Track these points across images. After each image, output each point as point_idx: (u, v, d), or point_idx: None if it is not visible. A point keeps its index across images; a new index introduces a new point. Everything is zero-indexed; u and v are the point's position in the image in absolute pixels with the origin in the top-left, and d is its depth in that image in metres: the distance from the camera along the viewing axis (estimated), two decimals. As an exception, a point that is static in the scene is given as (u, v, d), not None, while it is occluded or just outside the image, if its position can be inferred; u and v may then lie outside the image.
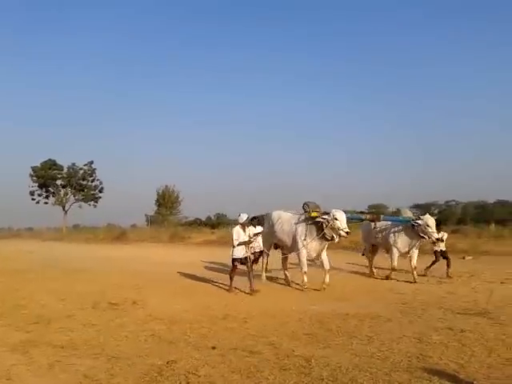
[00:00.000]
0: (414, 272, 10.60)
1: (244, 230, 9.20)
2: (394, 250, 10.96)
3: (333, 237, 9.24)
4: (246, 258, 9.15)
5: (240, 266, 9.32)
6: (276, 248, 11.15)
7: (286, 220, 10.27)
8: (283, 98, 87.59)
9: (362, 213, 11.75)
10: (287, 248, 10.37)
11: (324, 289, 9.23)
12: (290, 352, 5.09)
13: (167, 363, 4.74)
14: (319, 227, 9.33)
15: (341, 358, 4.84)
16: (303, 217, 9.83)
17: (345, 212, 9.51)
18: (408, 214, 11.27)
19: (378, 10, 79.46)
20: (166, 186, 51.03)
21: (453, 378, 4.18)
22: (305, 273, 9.49)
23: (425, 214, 10.99)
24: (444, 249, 11.83)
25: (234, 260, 9.19)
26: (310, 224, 9.53)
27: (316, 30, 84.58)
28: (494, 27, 73.78)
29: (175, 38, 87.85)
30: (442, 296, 8.62)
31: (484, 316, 6.75)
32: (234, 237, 9.12)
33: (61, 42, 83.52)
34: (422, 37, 79.31)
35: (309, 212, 9.55)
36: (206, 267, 14.24)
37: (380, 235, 11.51)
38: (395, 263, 10.92)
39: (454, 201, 55.75)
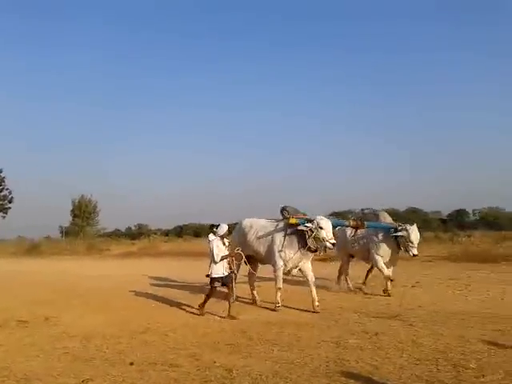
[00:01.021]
0: (388, 282, 9.63)
1: (224, 244, 7.84)
2: (378, 258, 9.66)
3: (317, 248, 7.98)
4: (227, 276, 7.73)
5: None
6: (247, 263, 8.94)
7: (261, 228, 8.82)
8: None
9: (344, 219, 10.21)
10: (263, 260, 8.89)
11: (316, 307, 7.89)
12: (211, 363, 5.05)
13: (82, 382, 4.53)
14: (301, 237, 8.01)
15: (262, 366, 4.89)
16: (281, 224, 8.49)
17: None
18: (388, 219, 10.02)
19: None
20: (82, 196, 49.00)
21: (368, 380, 4.36)
22: (279, 289, 8.15)
23: (412, 224, 9.55)
24: None
25: (213, 280, 7.70)
26: (290, 233, 8.19)
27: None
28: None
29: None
30: (358, 301, 8.98)
31: (396, 318, 7.11)
32: (215, 251, 7.61)
33: None
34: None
35: (288, 218, 8.24)
36: (125, 280, 13.79)
37: (358, 244, 10.23)
38: (386, 271, 9.60)
39: (368, 208, 58.17)
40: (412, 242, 9.16)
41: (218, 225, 7.87)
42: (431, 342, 5.69)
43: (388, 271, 9.61)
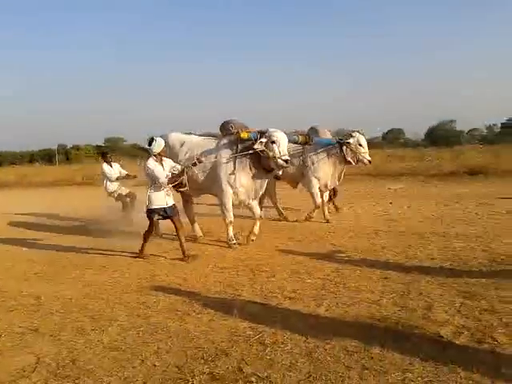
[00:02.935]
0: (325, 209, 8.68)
1: (162, 164, 6.07)
2: (314, 182, 8.40)
3: (271, 168, 6.62)
4: (171, 207, 6.12)
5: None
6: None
7: (196, 147, 6.97)
8: None
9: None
10: (199, 189, 7.16)
11: (252, 241, 6.87)
12: (18, 293, 4.97)
13: None
14: (252, 156, 6.53)
15: (72, 290, 4.98)
16: (226, 140, 6.82)
17: None
18: (328, 134, 8.73)
19: None
20: None
21: (176, 291, 4.79)
22: (230, 223, 6.82)
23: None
24: None
25: (151, 212, 6.07)
26: (240, 151, 6.62)
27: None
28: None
29: None
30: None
31: (207, 235, 7.64)
32: (157, 174, 5.88)
33: None
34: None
35: (237, 133, 6.58)
36: None
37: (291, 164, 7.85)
38: (318, 199, 8.46)
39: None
40: (363, 147, 8.27)
41: (152, 139, 6.03)
42: (234, 253, 6.40)
43: (319, 200, 8.49)
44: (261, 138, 6.42)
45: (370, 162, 8.38)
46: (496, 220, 7.83)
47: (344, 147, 8.22)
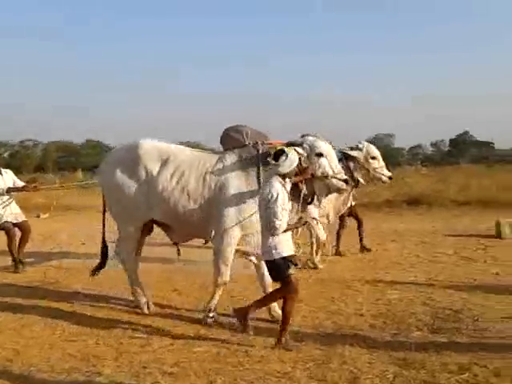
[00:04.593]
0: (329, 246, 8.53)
1: (287, 191, 5.01)
2: (313, 209, 7.48)
3: (313, 195, 5.75)
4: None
5: None
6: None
7: (189, 166, 5.82)
8: None
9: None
10: (190, 231, 6.07)
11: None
12: None
13: None
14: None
15: None
16: (237, 156, 5.74)
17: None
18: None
19: None
20: None
21: (3, 370, 4.48)
22: (224, 284, 5.67)
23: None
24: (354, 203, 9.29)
25: (285, 263, 4.83)
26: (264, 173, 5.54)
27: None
28: None
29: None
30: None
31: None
32: (283, 203, 4.80)
33: None
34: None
35: (273, 147, 5.54)
36: None
37: None
38: (323, 233, 8.07)
39: (31, 140, 57.79)
40: (378, 160, 8.12)
41: (281, 152, 4.94)
42: (98, 313, 6.17)
43: (324, 233, 8.13)
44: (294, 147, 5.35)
45: (390, 178, 8.30)
46: (441, 264, 8.32)
47: (351, 162, 8.01)
